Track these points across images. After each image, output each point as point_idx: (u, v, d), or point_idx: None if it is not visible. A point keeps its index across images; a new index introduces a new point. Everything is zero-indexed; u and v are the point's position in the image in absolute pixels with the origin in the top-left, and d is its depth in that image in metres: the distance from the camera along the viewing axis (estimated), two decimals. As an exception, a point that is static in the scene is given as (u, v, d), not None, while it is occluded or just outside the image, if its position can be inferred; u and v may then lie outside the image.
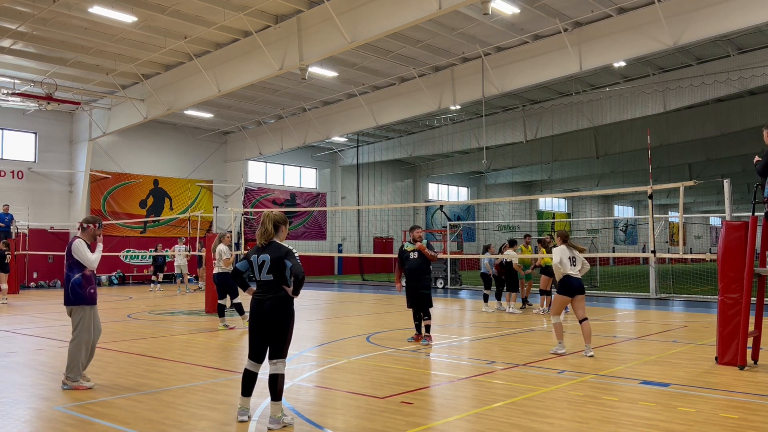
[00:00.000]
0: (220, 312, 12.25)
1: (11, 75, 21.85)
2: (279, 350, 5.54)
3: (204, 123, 29.34)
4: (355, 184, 35.93)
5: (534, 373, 7.83)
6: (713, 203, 54.50)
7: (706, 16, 15.69)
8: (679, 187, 9.72)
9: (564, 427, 5.45)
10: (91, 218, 7.42)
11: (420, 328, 10.30)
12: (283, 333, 5.54)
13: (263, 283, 5.60)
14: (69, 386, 6.86)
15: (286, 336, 5.57)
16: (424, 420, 5.69)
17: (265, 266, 5.57)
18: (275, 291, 5.57)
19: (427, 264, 10.20)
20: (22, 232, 23.54)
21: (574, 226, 51.06)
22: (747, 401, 6.34)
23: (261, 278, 5.60)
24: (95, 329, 7.11)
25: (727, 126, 26.37)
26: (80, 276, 7.01)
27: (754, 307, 8.25)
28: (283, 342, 5.55)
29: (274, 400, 5.45)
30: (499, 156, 35.18)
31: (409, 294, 10.28)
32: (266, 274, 5.57)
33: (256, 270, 5.63)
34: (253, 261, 5.65)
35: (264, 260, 5.59)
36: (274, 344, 5.54)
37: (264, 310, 5.54)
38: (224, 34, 18.51)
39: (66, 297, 7.05)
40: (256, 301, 5.62)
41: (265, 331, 5.58)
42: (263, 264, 5.58)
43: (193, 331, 11.90)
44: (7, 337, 11.16)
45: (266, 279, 5.58)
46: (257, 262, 5.62)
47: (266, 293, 5.57)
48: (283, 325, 5.54)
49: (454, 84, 21.94)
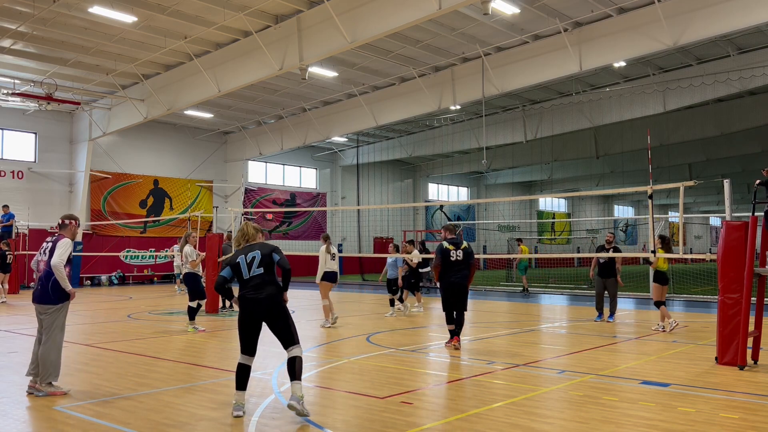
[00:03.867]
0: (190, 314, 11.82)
1: (11, 75, 21.86)
2: (290, 338, 5.79)
3: (204, 123, 29.35)
4: (355, 184, 35.94)
5: (534, 373, 7.83)
6: (713, 203, 54.48)
7: (706, 16, 15.69)
8: (679, 187, 9.71)
9: (564, 427, 5.45)
10: (71, 215, 7.15)
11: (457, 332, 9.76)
12: (285, 321, 5.79)
13: (254, 278, 5.80)
14: (44, 393, 6.50)
15: (289, 323, 5.81)
16: (424, 420, 5.69)
17: (256, 261, 5.83)
18: (268, 285, 5.79)
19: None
20: (22, 232, 23.53)
21: (574, 226, 51.11)
22: (747, 401, 6.34)
23: (251, 274, 5.80)
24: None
25: (727, 126, 26.36)
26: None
27: (754, 307, 8.26)
28: (290, 329, 5.80)
29: (295, 379, 5.70)
30: (499, 156, 35.18)
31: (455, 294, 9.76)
32: (257, 268, 5.81)
33: (245, 268, 5.84)
34: (240, 261, 5.87)
35: (254, 256, 5.85)
36: (284, 334, 5.80)
37: (262, 308, 5.75)
38: (224, 34, 18.52)
39: (44, 296, 6.64)
40: (251, 300, 5.76)
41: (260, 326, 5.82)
42: (253, 260, 5.84)
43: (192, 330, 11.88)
44: (7, 337, 11.16)
45: (257, 273, 5.81)
46: (246, 260, 5.85)
47: (259, 289, 5.76)
48: (283, 315, 5.80)
49: (454, 84, 21.94)
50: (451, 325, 9.82)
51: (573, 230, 51.02)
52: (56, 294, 6.66)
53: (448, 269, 9.72)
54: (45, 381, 6.59)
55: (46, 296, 6.67)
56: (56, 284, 6.63)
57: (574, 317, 14.46)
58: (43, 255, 6.82)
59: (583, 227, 49.84)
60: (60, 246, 6.69)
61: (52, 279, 6.64)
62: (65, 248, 6.70)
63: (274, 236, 33.19)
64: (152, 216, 28.42)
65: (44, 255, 6.79)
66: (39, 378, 6.60)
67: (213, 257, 15.22)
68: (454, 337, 9.77)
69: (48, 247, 6.80)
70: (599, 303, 13.37)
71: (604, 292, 13.31)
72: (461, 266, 9.73)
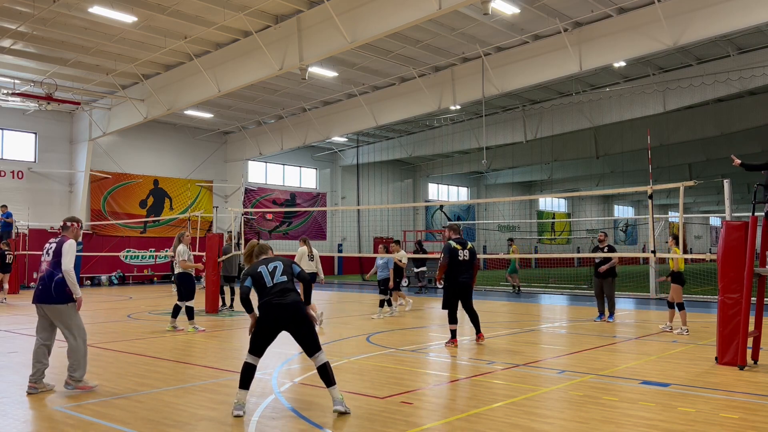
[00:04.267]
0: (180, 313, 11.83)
1: (11, 75, 21.86)
2: (315, 344, 5.85)
3: (204, 123, 29.35)
4: (355, 184, 35.94)
5: (534, 373, 7.83)
6: (713, 203, 54.48)
7: (706, 16, 15.69)
8: (679, 187, 9.70)
9: (564, 427, 5.45)
10: (74, 217, 7.21)
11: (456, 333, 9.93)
12: (309, 327, 5.87)
13: (278, 285, 5.89)
14: (73, 387, 6.74)
15: (312, 329, 5.89)
16: (424, 420, 5.69)
17: (278, 270, 5.97)
18: (291, 292, 5.90)
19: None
20: (22, 232, 23.53)
21: (574, 226, 51.11)
22: (747, 401, 6.34)
23: (275, 281, 5.90)
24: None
25: (727, 126, 26.37)
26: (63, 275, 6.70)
27: (754, 307, 8.26)
28: (314, 334, 5.88)
29: (331, 385, 5.77)
30: (499, 156, 35.18)
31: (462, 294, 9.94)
32: (280, 276, 5.94)
33: (268, 277, 5.93)
34: (262, 270, 5.96)
35: (276, 266, 6.00)
36: (308, 340, 5.84)
37: (288, 314, 5.81)
38: (224, 34, 18.52)
39: (47, 295, 6.64)
40: (277, 305, 5.81)
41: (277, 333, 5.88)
42: (275, 269, 5.98)
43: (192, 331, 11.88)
44: (7, 337, 11.15)
45: (281, 280, 5.91)
46: (268, 270, 5.96)
47: (284, 295, 5.84)
48: (307, 321, 5.88)
49: (454, 84, 21.94)
50: (453, 325, 9.88)
51: (573, 230, 51.04)
52: (58, 292, 6.64)
53: (455, 269, 9.82)
54: (77, 375, 6.75)
55: (48, 295, 6.66)
56: (59, 283, 6.64)
57: (574, 317, 14.46)
58: (46, 255, 6.84)
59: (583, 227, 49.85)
60: (66, 250, 6.73)
61: (55, 279, 6.65)
62: (72, 252, 6.75)
63: (274, 236, 33.20)
64: (152, 216, 28.42)
65: (48, 255, 6.81)
66: (70, 372, 6.75)
67: (213, 257, 15.21)
68: (454, 338, 9.85)
69: (52, 248, 6.81)
70: (600, 303, 13.37)
71: (602, 292, 13.31)
72: (468, 266, 9.90)
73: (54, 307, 6.68)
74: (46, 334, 6.90)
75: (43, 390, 6.76)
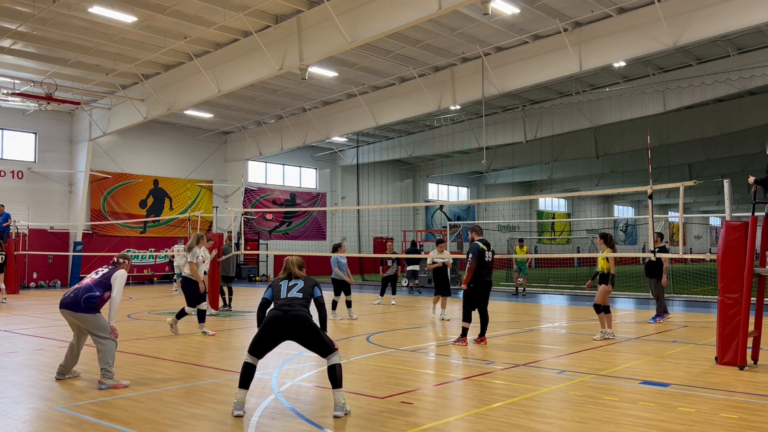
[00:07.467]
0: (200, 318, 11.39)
1: (11, 75, 21.84)
2: (325, 348, 5.87)
3: (204, 123, 29.34)
4: (355, 184, 35.93)
5: (534, 373, 7.83)
6: (713, 203, 54.49)
7: (706, 16, 15.68)
8: (679, 187, 9.71)
9: (564, 427, 5.46)
10: (124, 255, 7.85)
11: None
12: (316, 336, 5.86)
13: (290, 298, 5.94)
14: (107, 386, 6.94)
15: (321, 336, 5.87)
16: (424, 420, 5.69)
17: (296, 288, 6.03)
18: (299, 307, 5.90)
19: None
20: (22, 232, 23.52)
21: (574, 226, 51.10)
22: (747, 401, 6.34)
23: (289, 295, 5.95)
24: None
25: (727, 126, 26.36)
26: (100, 296, 7.14)
27: (754, 307, 8.26)
28: (322, 339, 5.87)
29: (337, 387, 5.80)
30: (499, 156, 35.18)
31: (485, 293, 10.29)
32: (296, 292, 5.99)
33: (284, 290, 6.01)
34: (282, 285, 6.04)
35: (296, 283, 6.07)
36: (317, 347, 5.88)
37: (288, 324, 5.80)
38: (224, 34, 18.51)
39: (75, 304, 7.05)
40: (280, 313, 5.85)
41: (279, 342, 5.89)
42: (295, 286, 6.03)
43: (193, 331, 11.88)
44: (7, 337, 11.15)
45: (294, 296, 5.97)
46: (287, 285, 6.04)
47: (289, 307, 5.87)
48: (312, 331, 5.84)
49: (454, 84, 21.93)
50: (468, 323, 10.11)
51: (573, 230, 51.03)
52: (87, 305, 7.04)
53: (481, 269, 10.16)
54: (108, 370, 6.97)
55: (77, 305, 7.05)
56: (91, 299, 7.05)
57: (574, 317, 14.47)
58: (94, 274, 7.37)
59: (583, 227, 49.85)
60: (118, 278, 7.26)
61: (90, 294, 7.07)
62: (123, 281, 7.31)
63: (275, 236, 33.19)
64: (152, 216, 28.41)
65: (96, 274, 7.34)
66: (103, 369, 6.99)
67: (213, 257, 15.19)
68: (465, 337, 10.08)
69: (103, 271, 7.35)
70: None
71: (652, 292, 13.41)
72: (491, 266, 10.33)
73: (80, 315, 7.08)
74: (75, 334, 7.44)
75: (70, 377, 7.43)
